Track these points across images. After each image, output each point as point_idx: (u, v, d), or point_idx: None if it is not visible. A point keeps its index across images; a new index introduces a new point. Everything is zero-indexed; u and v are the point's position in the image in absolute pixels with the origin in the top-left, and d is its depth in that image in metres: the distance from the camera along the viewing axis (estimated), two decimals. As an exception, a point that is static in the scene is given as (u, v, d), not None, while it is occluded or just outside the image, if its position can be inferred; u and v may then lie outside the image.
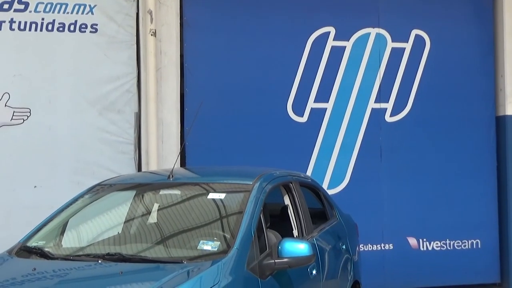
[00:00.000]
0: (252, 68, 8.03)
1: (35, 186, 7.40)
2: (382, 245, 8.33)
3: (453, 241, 8.48)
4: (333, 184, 8.20)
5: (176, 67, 7.81)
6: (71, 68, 7.54)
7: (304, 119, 8.16)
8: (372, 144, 8.30)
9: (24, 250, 4.54)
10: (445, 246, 8.46)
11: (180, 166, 7.34)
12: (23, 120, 7.43)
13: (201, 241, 4.36)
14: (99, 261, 4.19)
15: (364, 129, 8.29)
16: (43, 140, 7.46)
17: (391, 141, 8.35)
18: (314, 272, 4.99)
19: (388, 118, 8.36)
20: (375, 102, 8.33)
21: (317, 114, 8.19)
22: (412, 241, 8.40)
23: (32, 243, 4.63)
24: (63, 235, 4.84)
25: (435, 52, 8.46)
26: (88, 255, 4.40)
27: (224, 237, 4.45)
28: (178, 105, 7.81)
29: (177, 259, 4.14)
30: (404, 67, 8.40)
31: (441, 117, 8.47)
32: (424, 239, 8.43)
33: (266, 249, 4.44)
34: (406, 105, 8.39)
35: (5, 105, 7.36)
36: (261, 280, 4.22)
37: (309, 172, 8.04)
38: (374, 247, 8.29)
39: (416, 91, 8.41)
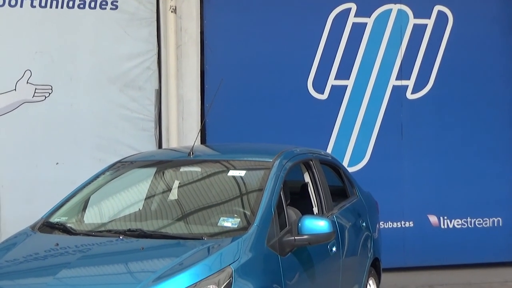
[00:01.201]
0: (273, 45, 7.99)
1: (57, 163, 7.46)
2: (403, 222, 8.31)
3: (474, 219, 8.44)
4: (353, 161, 8.17)
5: (197, 44, 7.80)
6: (91, 45, 7.56)
7: (324, 96, 8.13)
8: (393, 121, 8.25)
9: (46, 226, 4.59)
10: (466, 224, 8.43)
11: (201, 143, 7.36)
12: (45, 97, 7.48)
13: (222, 218, 4.38)
14: (120, 237, 4.23)
15: (385, 106, 8.23)
16: (65, 117, 7.51)
17: (412, 118, 8.29)
18: (334, 249, 5.00)
19: (409, 95, 8.29)
20: (396, 79, 8.27)
21: (338, 91, 8.15)
22: (433, 218, 8.37)
23: (54, 219, 4.68)
24: (85, 211, 4.88)
25: (457, 29, 8.34)
26: (109, 231, 4.44)
27: (244, 214, 4.46)
28: (198, 82, 7.81)
29: (198, 235, 4.17)
30: (426, 44, 8.30)
31: (463, 95, 8.38)
32: (445, 217, 8.40)
33: (286, 226, 4.45)
34: (427, 83, 8.32)
35: (27, 82, 7.41)
36: (281, 256, 4.24)
37: (329, 150, 8.02)
38: (394, 225, 8.28)
39: (438, 68, 8.32)
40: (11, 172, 7.39)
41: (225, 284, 3.67)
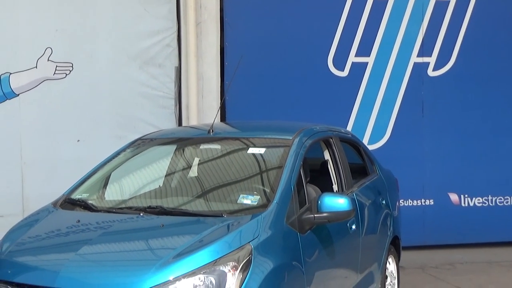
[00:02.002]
0: (293, 22, 7.94)
1: (78, 140, 7.52)
2: (423, 200, 8.28)
3: (495, 197, 8.39)
4: (373, 139, 8.14)
5: (216, 21, 7.77)
6: (111, 22, 7.57)
7: (345, 73, 8.08)
8: (414, 98, 8.19)
9: (68, 202, 4.63)
10: (487, 202, 8.38)
11: (220, 121, 7.36)
12: (66, 75, 7.51)
13: (241, 195, 4.39)
14: (141, 214, 4.26)
15: (406, 83, 8.17)
16: (85, 94, 7.55)
17: (433, 95, 8.22)
18: (353, 227, 5.00)
19: (430, 73, 8.21)
20: (417, 56, 8.19)
21: (358, 68, 8.09)
22: (454, 196, 8.33)
23: (76, 196, 4.72)
24: (105, 188, 4.92)
25: (480, 4, 8.23)
26: (130, 208, 4.47)
27: (264, 191, 4.47)
28: (218, 60, 7.79)
29: (217, 212, 4.18)
30: (448, 20, 8.20)
31: (485, 72, 8.29)
32: (466, 195, 8.35)
33: (306, 204, 4.45)
34: (449, 59, 8.23)
35: (48, 60, 7.44)
36: (300, 234, 4.24)
37: (349, 127, 7.99)
38: (415, 203, 8.25)
39: (460, 45, 8.22)
40: (33, 150, 7.47)
41: (244, 261, 3.69)
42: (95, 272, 3.67)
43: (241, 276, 3.63)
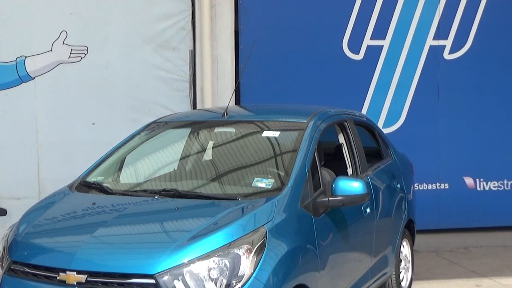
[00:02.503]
0: (308, 5, 7.89)
1: (93, 123, 7.54)
2: (438, 184, 8.25)
3: (511, 181, 8.34)
4: (388, 122, 8.11)
5: (231, 4, 7.74)
6: (126, 5, 7.55)
7: (360, 56, 8.03)
8: (430, 82, 8.13)
9: (83, 185, 4.66)
10: (502, 186, 8.33)
11: (235, 104, 7.36)
12: (81, 58, 7.52)
13: (256, 179, 4.39)
14: (156, 197, 4.28)
15: (421, 66, 8.11)
16: (100, 77, 7.56)
17: (449, 79, 8.16)
18: (368, 210, 5.00)
19: (446, 56, 8.15)
20: (433, 39, 8.12)
21: (373, 51, 8.04)
22: (469, 180, 8.29)
23: (91, 179, 4.75)
24: (120, 171, 4.94)
25: (498, -14, 8.15)
26: (145, 190, 4.49)
27: (278, 174, 4.47)
28: (232, 43, 7.77)
29: (232, 195, 4.19)
30: (464, 3, 8.11)
31: (502, 55, 8.21)
32: (481, 179, 8.31)
33: (320, 187, 4.45)
34: (466, 42, 8.15)
35: (63, 43, 7.46)
36: (314, 217, 4.25)
37: (364, 111, 7.96)
38: (429, 186, 8.23)
39: (477, 28, 8.14)
40: (49, 133, 7.51)
41: (259, 244, 3.70)
42: (111, 254, 3.70)
43: (255, 259, 3.64)
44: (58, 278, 3.60)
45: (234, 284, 3.54)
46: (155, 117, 5.72)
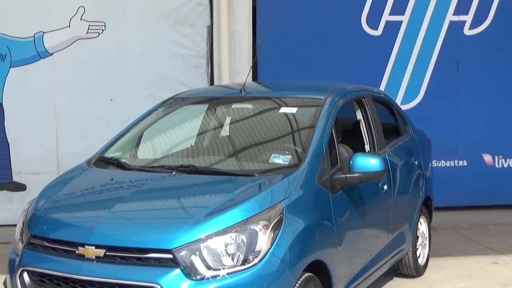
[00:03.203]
0: (326, -20, 7.83)
1: (111, 99, 7.57)
2: (456, 161, 8.20)
3: (530, 159, 8.29)
4: (407, 99, 8.05)
5: (248, -21, 7.69)
6: (143, -19, 7.55)
7: (378, 32, 7.96)
8: (449, 58, 8.05)
9: (101, 161, 4.69)
10: (521, 164, 8.28)
11: (252, 80, 7.34)
12: (98, 34, 7.53)
13: (273, 155, 4.39)
14: (173, 173, 4.29)
15: (441, 42, 8.02)
16: (118, 53, 7.57)
17: (469, 55, 8.07)
18: (385, 187, 4.99)
19: (467, 31, 8.04)
20: (453, 14, 8.01)
21: (392, 27, 7.96)
22: (487, 158, 8.23)
23: (109, 154, 4.77)
24: (138, 147, 4.96)
25: (519, -39, 8.01)
26: (162, 166, 4.51)
27: (296, 151, 4.47)
28: (250, 18, 7.73)
29: (249, 172, 4.19)
30: (486, -23, 8.01)
31: (524, 30, 8.11)
32: (500, 156, 8.25)
33: (337, 164, 4.44)
34: (486, 18, 8.04)
35: (81, 19, 7.46)
36: (331, 194, 4.25)
37: (382, 87, 7.91)
38: (448, 163, 8.18)
39: (498, 3, 8.02)
40: (67, 108, 7.55)
41: (276, 220, 3.71)
42: (129, 229, 3.73)
43: (272, 235, 3.65)
44: (77, 252, 3.64)
45: (251, 259, 3.56)
46: (173, 93, 5.72)
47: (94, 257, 3.59)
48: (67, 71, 7.52)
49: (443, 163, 8.15)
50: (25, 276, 3.77)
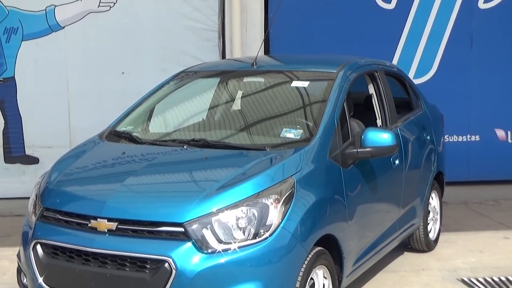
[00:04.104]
0: (339, -48, 7.75)
1: (122, 73, 7.57)
2: (468, 136, 8.17)
3: (543, 134, 8.24)
4: (419, 73, 8.00)
5: (260, -49, 7.63)
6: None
7: (391, 5, 7.88)
8: (463, 32, 7.97)
9: (113, 135, 4.70)
10: (534, 139, 8.24)
11: (264, 54, 7.31)
12: (110, 7, 7.51)
13: (284, 129, 4.39)
14: (185, 147, 4.30)
15: (454, 16, 7.94)
16: (129, 27, 7.56)
17: (483, 29, 7.98)
18: (397, 162, 4.98)
19: (481, 5, 7.95)
20: (468, -13, 7.93)
21: (406, 0, 7.88)
22: (500, 133, 8.19)
23: (121, 128, 4.78)
24: (149, 121, 4.97)
25: None
26: (173, 140, 4.52)
27: (307, 125, 4.46)
28: (262, -9, 7.68)
29: (260, 146, 4.19)
30: None
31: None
32: (513, 131, 8.22)
33: (349, 138, 4.43)
34: (502, -9, 7.96)
35: (92, -8, 7.46)
36: (343, 168, 4.25)
37: (395, 61, 7.86)
38: (460, 138, 8.15)
39: (513, -24, 7.93)
40: (79, 82, 7.56)
41: (287, 194, 3.71)
42: (140, 203, 3.75)
43: (283, 209, 3.66)
44: (89, 225, 3.67)
45: (262, 233, 3.57)
46: (184, 67, 5.72)
47: (106, 230, 3.61)
48: (78, 45, 7.52)
49: (455, 138, 8.11)
50: (38, 248, 3.81)
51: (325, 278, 3.99)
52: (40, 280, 3.76)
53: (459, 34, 7.96)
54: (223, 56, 7.70)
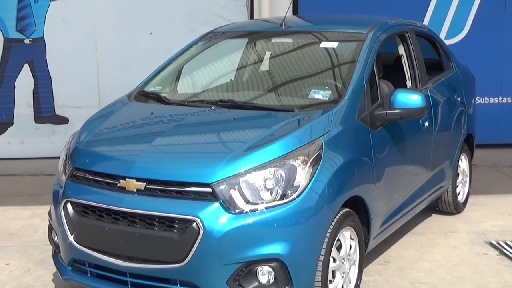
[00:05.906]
0: None
1: (151, 33, 7.57)
2: (500, 98, 8.05)
3: None
4: (451, 34, 7.86)
5: None
6: None
7: (423, -36, 7.73)
8: (497, -9, 7.80)
9: (142, 95, 4.72)
10: None
11: (293, 14, 7.23)
12: (136, -32, 7.47)
13: (313, 90, 4.36)
14: (212, 107, 4.30)
15: (489, -26, 7.77)
16: (158, -13, 7.53)
17: (518, -13, 7.80)
18: (426, 124, 4.93)
19: (517, -38, 7.77)
20: None
21: (438, -41, 7.73)
22: (533, 94, 8.06)
23: (149, 88, 4.79)
24: (178, 81, 4.97)
25: None
26: (202, 101, 4.52)
27: (336, 86, 4.42)
28: (291, -50, 7.56)
29: (288, 107, 4.18)
30: None
31: None
32: (546, 93, 8.08)
33: (378, 100, 4.39)
34: None
35: (120, -48, 7.41)
36: (371, 130, 4.22)
37: (426, 21, 7.72)
38: (491, 100, 8.03)
39: None
40: (108, 43, 7.58)
41: (314, 155, 3.70)
42: (169, 163, 3.76)
43: (311, 170, 3.66)
44: (118, 185, 3.70)
45: (289, 194, 3.57)
46: (212, 27, 5.69)
47: (135, 190, 3.64)
48: (107, 5, 7.51)
49: (487, 100, 8.00)
50: (69, 207, 3.86)
51: (352, 239, 4.00)
52: (71, 238, 3.82)
53: (493, -7, 7.80)
54: (251, 17, 7.64)
